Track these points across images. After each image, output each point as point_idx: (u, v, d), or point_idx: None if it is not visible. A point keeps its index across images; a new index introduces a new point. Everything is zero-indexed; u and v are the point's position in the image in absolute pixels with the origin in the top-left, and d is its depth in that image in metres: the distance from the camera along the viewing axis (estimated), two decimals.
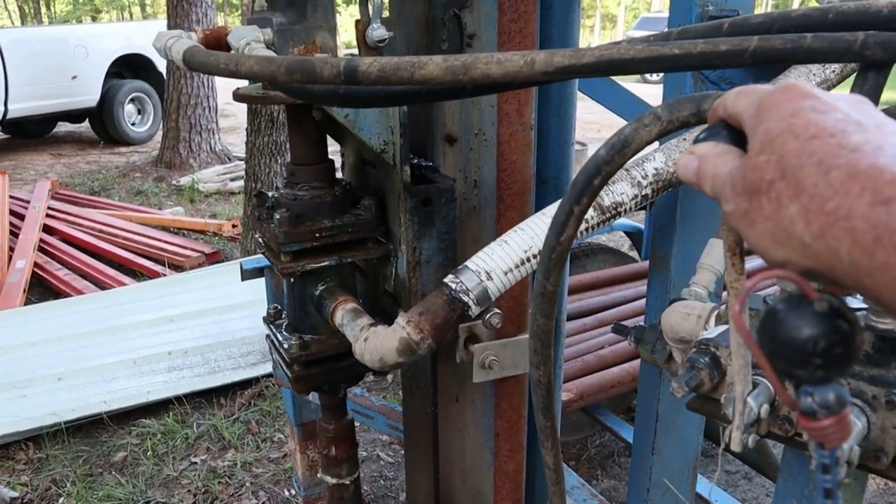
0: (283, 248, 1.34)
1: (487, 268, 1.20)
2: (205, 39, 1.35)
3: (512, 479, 1.65)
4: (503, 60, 0.87)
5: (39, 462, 3.37)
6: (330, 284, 1.44)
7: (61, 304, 4.90)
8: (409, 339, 1.21)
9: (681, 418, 1.65)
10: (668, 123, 0.77)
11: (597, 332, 2.99)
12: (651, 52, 0.83)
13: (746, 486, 3.30)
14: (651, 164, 1.28)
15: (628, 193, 1.26)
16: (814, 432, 0.50)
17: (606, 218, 1.26)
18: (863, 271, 0.45)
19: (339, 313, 1.38)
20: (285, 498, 3.14)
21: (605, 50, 0.84)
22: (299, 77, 1.00)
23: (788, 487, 1.01)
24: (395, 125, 1.26)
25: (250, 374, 3.99)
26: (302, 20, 1.32)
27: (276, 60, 1.04)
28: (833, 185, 0.46)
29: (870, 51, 0.78)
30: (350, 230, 1.39)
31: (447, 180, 1.35)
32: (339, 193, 1.41)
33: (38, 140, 11.34)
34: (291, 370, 1.47)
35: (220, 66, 1.12)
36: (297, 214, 1.36)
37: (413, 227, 1.32)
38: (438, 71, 0.90)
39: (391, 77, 0.93)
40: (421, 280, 1.37)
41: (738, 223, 0.54)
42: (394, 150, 1.29)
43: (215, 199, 8.00)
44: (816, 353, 0.47)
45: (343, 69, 0.94)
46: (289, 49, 1.31)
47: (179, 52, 1.23)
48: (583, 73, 0.87)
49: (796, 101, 0.52)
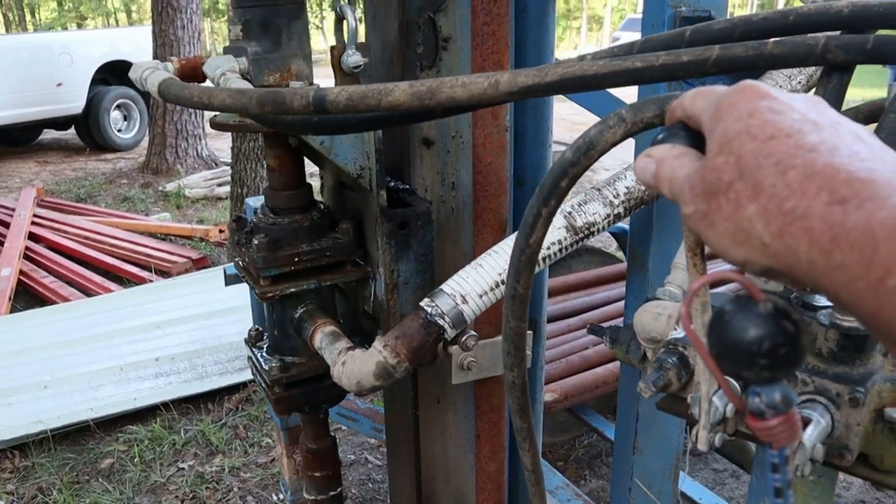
0: (262, 272, 1.36)
1: (463, 291, 1.22)
2: (181, 70, 1.37)
3: (493, 480, 1.66)
4: (468, 83, 0.88)
5: (25, 470, 3.35)
6: (309, 307, 1.45)
7: (47, 311, 4.88)
8: (386, 363, 1.23)
9: (662, 417, 1.66)
10: (633, 125, 0.78)
11: (581, 333, 3.00)
12: (614, 68, 0.83)
13: (734, 485, 3.31)
14: (622, 183, 1.30)
15: (601, 213, 1.28)
16: (762, 432, 0.51)
17: (580, 238, 1.27)
18: (820, 271, 0.46)
19: (318, 336, 1.39)
20: (273, 502, 3.13)
21: (567, 67, 0.85)
22: (270, 108, 1.02)
23: (762, 486, 1.02)
24: (370, 150, 1.28)
25: (238, 379, 3.98)
26: (277, 49, 1.33)
27: (247, 93, 1.06)
28: (790, 185, 0.47)
29: (831, 54, 0.78)
30: (328, 254, 1.40)
31: (423, 203, 1.37)
32: (317, 217, 1.43)
33: (23, 147, 11.28)
34: (272, 392, 1.48)
35: (193, 99, 1.15)
36: (276, 239, 1.37)
37: (390, 250, 1.34)
38: (405, 97, 0.92)
39: (359, 105, 0.95)
40: (399, 302, 1.38)
41: (697, 225, 0.55)
42: (370, 175, 1.31)
43: (202, 204, 7.98)
44: (762, 354, 0.48)
45: (312, 99, 0.96)
46: (264, 77, 1.33)
47: (155, 84, 1.25)
48: (548, 91, 0.88)
49: (753, 101, 0.52)
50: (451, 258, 1.55)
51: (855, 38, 0.79)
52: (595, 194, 1.29)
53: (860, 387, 0.80)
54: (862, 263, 0.44)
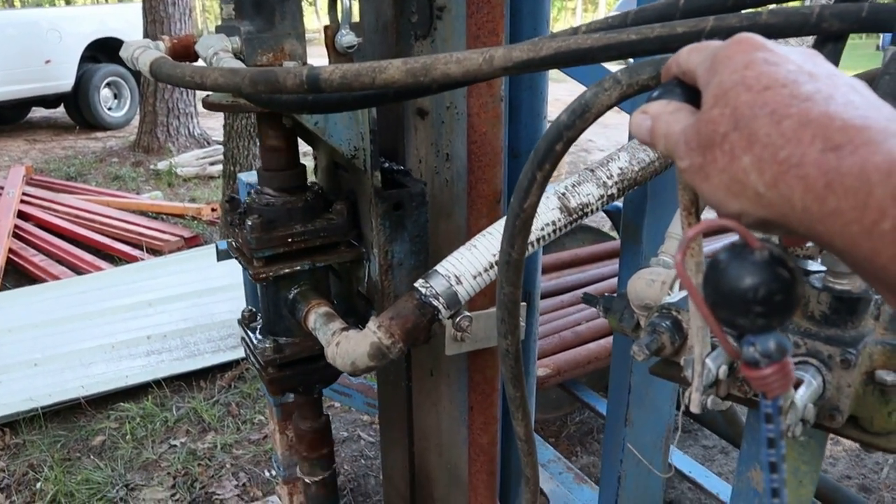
0: (256, 253, 1.36)
1: (457, 272, 1.22)
2: (173, 49, 1.36)
3: (486, 452, 1.67)
4: (462, 59, 0.88)
5: (16, 447, 3.35)
6: (303, 288, 1.45)
7: (37, 289, 4.86)
8: (381, 343, 1.23)
9: (653, 390, 1.67)
10: (628, 87, 0.78)
11: (574, 309, 3.01)
12: (609, 41, 0.83)
13: (723, 460, 3.34)
14: (616, 164, 1.30)
15: (594, 194, 1.28)
16: (756, 381, 0.51)
17: (574, 219, 1.28)
18: (815, 218, 0.46)
19: (311, 317, 1.39)
20: (266, 478, 3.14)
21: (562, 41, 0.84)
22: (263, 88, 1.02)
23: (752, 451, 1.03)
24: (364, 131, 1.27)
25: (230, 356, 3.98)
26: (270, 28, 1.33)
27: (240, 72, 1.06)
28: (785, 133, 0.47)
29: (827, 22, 0.78)
30: (322, 235, 1.40)
31: (418, 184, 1.37)
32: (311, 198, 1.42)
33: (11, 126, 11.17)
34: (266, 372, 1.48)
35: (185, 79, 1.14)
36: (270, 220, 1.37)
37: (385, 231, 1.34)
38: (399, 74, 0.92)
39: (353, 83, 0.95)
40: (393, 283, 1.39)
41: (692, 178, 0.55)
42: (364, 156, 1.30)
43: (194, 183, 7.94)
44: (757, 301, 0.48)
45: (306, 78, 0.96)
46: (257, 57, 1.32)
47: (146, 64, 1.25)
48: (543, 66, 0.88)
49: (749, 52, 0.52)
50: (445, 230, 1.55)
51: (850, 6, 0.78)
52: (589, 175, 1.30)
53: (852, 349, 0.81)
54: (857, 208, 0.44)
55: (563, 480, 2.51)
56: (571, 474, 2.51)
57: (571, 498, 2.43)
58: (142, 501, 3.01)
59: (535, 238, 1.25)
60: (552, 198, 1.26)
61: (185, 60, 1.36)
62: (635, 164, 1.30)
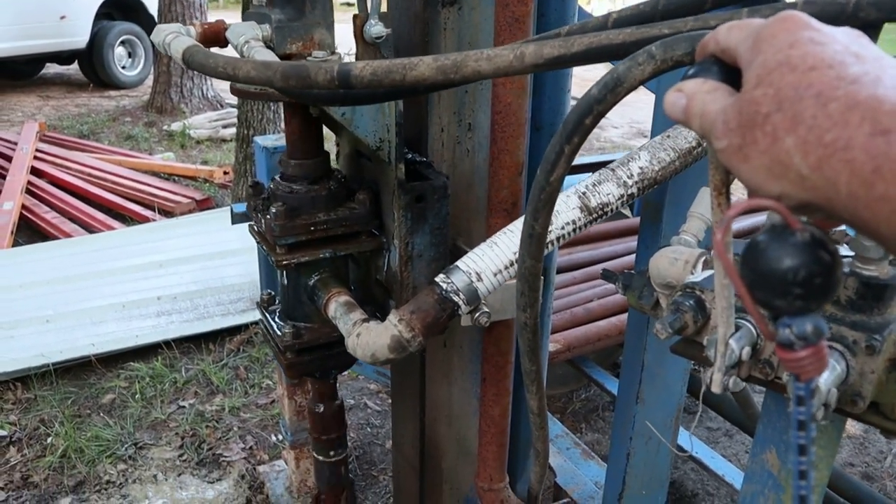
0: (279, 241, 1.37)
1: (478, 269, 1.23)
2: (203, 35, 1.37)
3: (497, 424, 1.68)
4: (493, 56, 0.88)
5: (28, 402, 3.39)
6: (324, 275, 1.46)
7: (49, 246, 4.88)
8: (401, 336, 1.24)
9: (666, 369, 1.67)
10: (662, 62, 0.76)
11: (585, 286, 3.01)
12: (642, 35, 0.82)
13: (727, 443, 3.35)
14: (636, 164, 1.31)
15: (614, 194, 1.29)
16: (790, 363, 0.50)
17: (594, 218, 1.29)
18: (861, 203, 0.45)
19: (332, 305, 1.41)
20: (272, 443, 3.17)
21: (594, 37, 0.84)
22: (295, 83, 1.03)
23: (768, 434, 1.03)
24: (390, 124, 1.28)
25: (239, 320, 4.00)
26: (300, 17, 1.34)
27: (272, 66, 1.07)
28: (832, 116, 0.46)
29: (864, 12, 0.76)
30: (345, 224, 1.41)
31: (440, 178, 1.37)
32: (334, 187, 1.43)
33: (25, 81, 11.15)
34: (284, 357, 1.50)
35: (217, 70, 1.15)
36: (293, 208, 1.38)
37: (406, 222, 1.35)
38: (430, 71, 0.92)
39: (383, 80, 0.95)
40: (412, 274, 1.39)
41: (730, 159, 0.54)
42: (389, 148, 1.31)
43: (206, 145, 7.93)
44: (796, 283, 0.48)
45: (337, 74, 0.97)
46: (287, 46, 1.33)
47: (179, 51, 1.26)
48: (574, 62, 0.87)
49: (794, 32, 0.51)
50: (465, 201, 1.55)
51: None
52: (609, 174, 1.31)
53: (877, 335, 0.80)
54: None
55: (570, 456, 2.53)
56: (579, 450, 2.52)
57: (578, 473, 2.44)
58: (150, 460, 3.04)
59: (554, 237, 1.26)
60: (572, 197, 1.27)
61: (214, 46, 1.38)
62: (655, 164, 1.31)
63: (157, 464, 3.02)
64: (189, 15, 8.68)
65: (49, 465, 2.96)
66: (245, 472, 2.97)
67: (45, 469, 2.94)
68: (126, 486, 2.89)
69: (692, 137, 1.33)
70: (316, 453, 1.71)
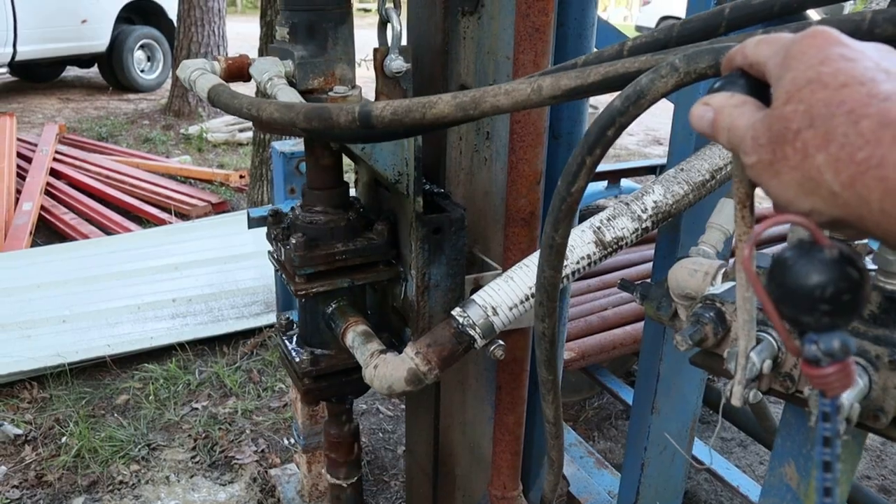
0: (298, 271, 1.38)
1: (493, 303, 1.25)
2: (227, 70, 1.40)
3: (511, 432, 1.67)
4: (511, 91, 0.89)
5: (43, 401, 3.41)
6: (341, 304, 1.49)
7: (67, 247, 4.92)
8: (418, 370, 1.26)
9: (681, 379, 1.66)
10: (686, 75, 0.76)
11: (600, 294, 3.00)
12: (656, 62, 0.82)
13: (741, 454, 3.33)
14: (650, 198, 1.32)
15: (629, 228, 1.31)
16: (816, 380, 0.50)
17: (608, 252, 1.31)
18: (894, 221, 0.45)
19: (349, 335, 1.42)
20: (284, 446, 3.18)
21: (609, 67, 0.84)
22: (317, 124, 1.05)
23: (787, 446, 1.02)
24: (409, 157, 1.29)
25: (253, 323, 4.01)
26: (322, 53, 1.36)
27: (294, 108, 1.09)
28: (864, 134, 0.46)
29: (879, 28, 0.76)
30: (363, 255, 1.43)
31: (458, 210, 1.39)
32: (353, 218, 1.45)
33: (46, 84, 11.26)
34: (302, 383, 1.52)
35: (242, 111, 1.19)
36: (313, 238, 1.40)
37: (423, 254, 1.36)
38: (449, 109, 0.93)
39: (403, 119, 0.97)
40: (429, 303, 1.41)
41: (760, 175, 0.53)
42: (408, 181, 1.32)
43: (223, 149, 7.97)
44: (824, 300, 0.47)
45: (358, 115, 0.99)
46: (309, 81, 1.36)
47: (204, 90, 1.30)
48: (591, 92, 0.88)
49: (825, 48, 0.51)
50: (482, 210, 1.55)
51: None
52: (623, 209, 1.33)
53: None
54: None
55: (583, 465, 2.51)
56: (592, 459, 2.51)
57: (592, 482, 2.43)
58: (163, 461, 3.05)
59: (570, 271, 1.28)
60: (588, 232, 1.29)
61: (238, 81, 1.41)
62: (669, 198, 1.33)
63: (169, 465, 3.03)
64: (208, 20, 8.76)
65: (63, 464, 2.98)
66: (257, 474, 2.98)
67: (59, 468, 2.96)
68: (139, 487, 2.90)
69: (705, 170, 1.34)
70: (329, 475, 1.72)
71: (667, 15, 20.00)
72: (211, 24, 8.84)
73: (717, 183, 1.35)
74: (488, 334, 1.26)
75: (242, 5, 23.24)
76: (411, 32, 1.56)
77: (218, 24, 8.94)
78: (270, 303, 4.14)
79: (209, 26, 8.81)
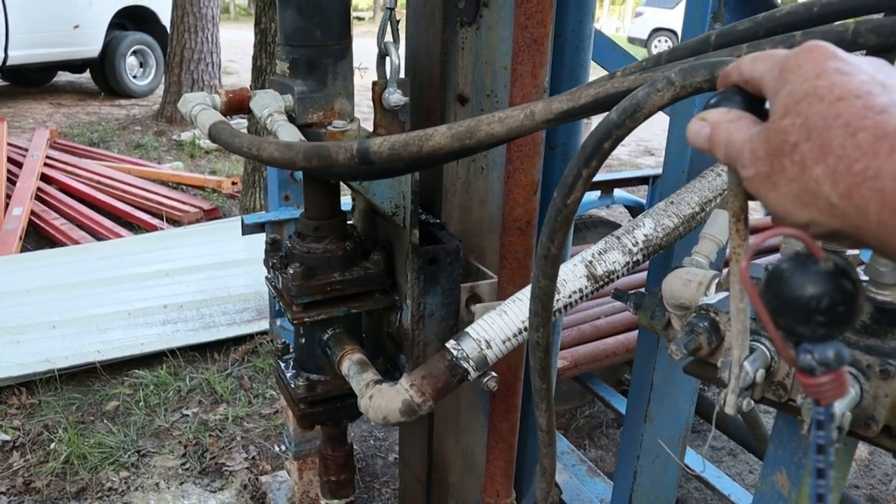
0: (296, 300, 1.40)
1: (487, 336, 1.27)
2: (228, 103, 1.41)
3: (505, 440, 1.68)
4: (504, 118, 0.91)
5: (32, 407, 3.40)
6: (338, 331, 1.50)
7: (57, 252, 4.90)
8: (412, 401, 1.28)
9: (674, 388, 1.67)
10: (682, 89, 0.77)
11: (593, 303, 3.01)
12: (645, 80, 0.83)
13: (731, 462, 3.35)
14: (641, 231, 1.35)
15: (620, 262, 1.33)
16: (811, 389, 0.51)
17: (600, 286, 1.33)
18: (891, 231, 0.46)
19: (345, 363, 1.44)
20: (275, 453, 3.17)
21: (599, 87, 0.86)
22: (317, 163, 1.07)
23: (778, 454, 1.03)
24: (406, 191, 1.31)
25: (245, 330, 4.01)
26: (322, 88, 1.37)
27: (294, 147, 1.12)
28: (860, 146, 0.47)
29: (863, 38, 0.77)
30: (359, 284, 1.45)
31: (453, 241, 1.41)
32: (350, 247, 1.46)
33: (37, 88, 11.23)
34: (298, 408, 1.54)
35: (242, 149, 1.21)
36: (310, 268, 1.41)
37: (419, 284, 1.38)
38: (445, 140, 0.95)
39: (401, 153, 0.99)
40: (423, 332, 1.43)
41: (758, 188, 0.54)
42: (404, 214, 1.35)
43: (215, 155, 7.97)
44: (819, 311, 0.49)
45: (356, 152, 1.01)
46: (308, 115, 1.37)
47: (205, 126, 1.31)
48: (583, 113, 0.90)
49: (820, 62, 0.52)
50: (478, 219, 1.56)
51: (885, 20, 0.78)
52: (615, 243, 1.35)
53: (892, 359, 0.81)
54: None
55: (576, 472, 2.52)
56: (584, 467, 2.52)
57: (584, 490, 2.44)
58: (153, 468, 3.04)
59: (562, 305, 1.30)
60: (579, 266, 1.31)
61: (238, 114, 1.43)
62: (660, 231, 1.36)
63: (159, 472, 3.03)
64: (201, 27, 8.76)
65: (52, 470, 2.96)
66: (247, 482, 2.97)
67: (47, 475, 2.95)
68: (128, 494, 2.89)
69: (695, 203, 1.37)
70: (324, 497, 1.73)
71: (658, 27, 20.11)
72: (204, 31, 8.85)
73: (707, 215, 1.38)
74: (482, 367, 1.29)
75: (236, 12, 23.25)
76: (410, 42, 1.57)
77: (211, 30, 8.95)
78: (262, 309, 4.14)
79: (202, 33, 8.83)
